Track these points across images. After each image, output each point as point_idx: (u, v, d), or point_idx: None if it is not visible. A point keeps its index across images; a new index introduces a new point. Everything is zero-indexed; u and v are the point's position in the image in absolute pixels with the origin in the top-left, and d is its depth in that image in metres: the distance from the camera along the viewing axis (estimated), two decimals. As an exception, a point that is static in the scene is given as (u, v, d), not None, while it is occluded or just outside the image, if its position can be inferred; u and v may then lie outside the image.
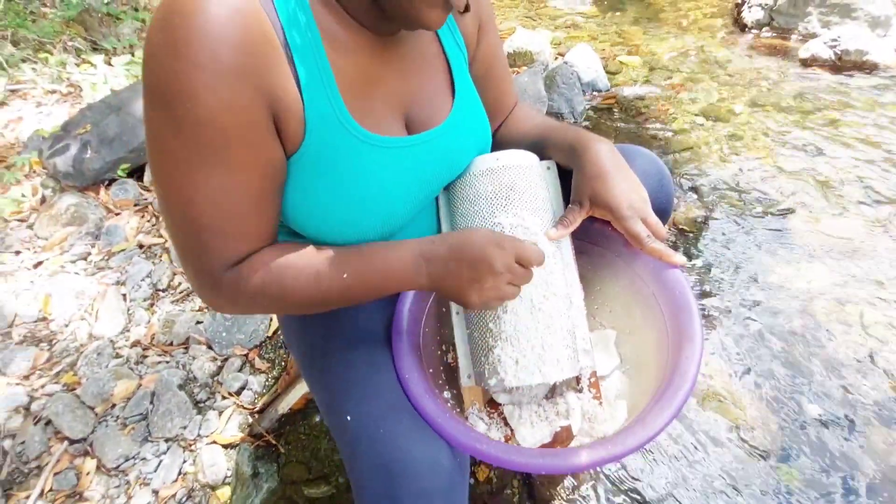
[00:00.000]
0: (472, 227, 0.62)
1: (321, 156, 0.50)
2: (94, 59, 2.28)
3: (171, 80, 0.41)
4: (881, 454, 0.92)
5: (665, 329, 0.59)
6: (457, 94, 0.62)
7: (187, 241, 0.48)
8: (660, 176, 0.70)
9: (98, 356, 1.09)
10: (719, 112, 1.83)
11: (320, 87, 0.48)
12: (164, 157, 0.45)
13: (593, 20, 2.64)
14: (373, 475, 0.49)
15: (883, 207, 1.41)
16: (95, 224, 1.43)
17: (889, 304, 1.17)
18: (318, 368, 0.63)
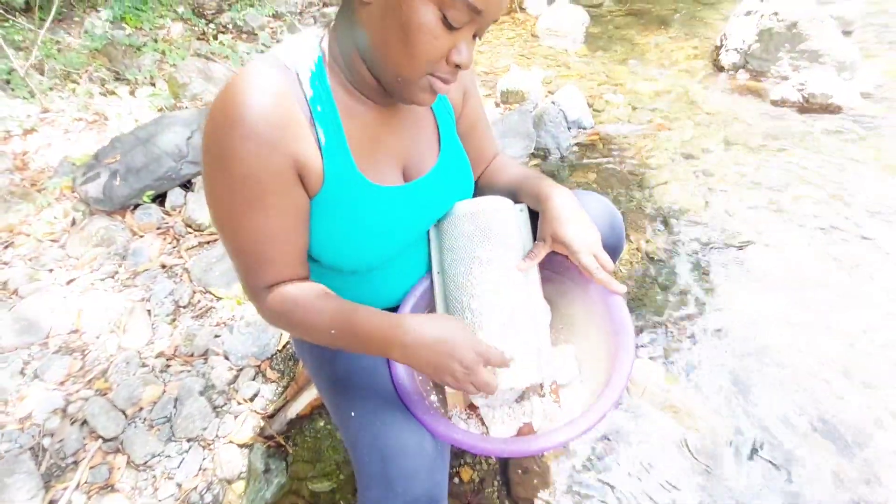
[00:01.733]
0: (457, 261, 0.77)
1: (335, 201, 0.65)
2: (118, 90, 2.47)
3: (225, 147, 0.57)
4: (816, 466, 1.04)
5: (609, 344, 0.73)
6: (442, 146, 0.77)
7: (239, 264, 0.64)
8: (611, 218, 0.84)
9: (127, 365, 1.22)
10: (694, 150, 2.00)
11: (336, 148, 0.64)
12: (219, 202, 0.61)
13: (583, 59, 2.83)
14: (371, 457, 0.62)
15: (835, 241, 1.55)
16: (122, 245, 1.58)
17: (837, 330, 1.30)
18: (326, 375, 0.77)
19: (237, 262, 0.64)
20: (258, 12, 3.50)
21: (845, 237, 1.57)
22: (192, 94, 2.42)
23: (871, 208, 1.67)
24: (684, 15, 3.30)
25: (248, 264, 0.63)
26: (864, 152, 1.94)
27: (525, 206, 0.84)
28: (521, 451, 0.64)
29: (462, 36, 0.56)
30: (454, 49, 0.56)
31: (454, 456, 1.07)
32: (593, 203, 0.85)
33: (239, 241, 0.62)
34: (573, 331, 0.84)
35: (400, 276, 0.81)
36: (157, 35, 3.17)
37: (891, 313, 1.34)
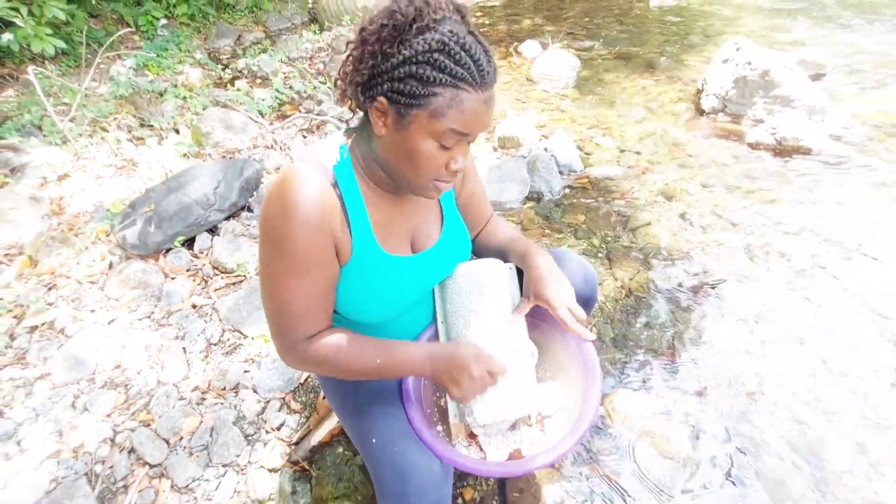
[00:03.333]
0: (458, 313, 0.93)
1: (360, 269, 0.83)
2: (146, 138, 2.68)
3: (280, 231, 0.75)
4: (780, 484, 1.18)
5: (582, 382, 0.89)
6: (444, 223, 0.95)
7: (279, 321, 0.80)
8: (584, 274, 1.01)
9: (167, 398, 1.37)
10: (675, 192, 2.18)
11: (362, 228, 0.81)
12: (270, 270, 0.78)
13: (575, 103, 3.05)
14: (389, 475, 0.78)
15: (800, 278, 1.71)
16: (157, 287, 1.75)
17: (800, 361, 1.45)
18: (350, 409, 0.93)
19: (279, 318, 0.80)
20: (271, 58, 3.75)
21: (810, 274, 1.73)
22: (213, 141, 2.63)
23: (836, 246, 1.84)
24: (669, 59, 3.54)
25: (288, 320, 0.79)
26: (831, 192, 2.12)
27: (513, 265, 1.01)
28: (511, 472, 0.80)
29: (457, 151, 0.74)
30: (451, 160, 0.74)
31: (458, 478, 1.21)
32: (570, 263, 1.02)
33: (284, 300, 0.79)
34: (556, 369, 1.00)
35: (410, 326, 0.98)
36: (177, 80, 3.41)
37: (848, 345, 1.49)
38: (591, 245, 1.93)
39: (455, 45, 0.67)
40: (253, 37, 4.23)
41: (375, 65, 0.69)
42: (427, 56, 0.67)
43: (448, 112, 0.69)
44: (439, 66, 0.67)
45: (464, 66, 0.67)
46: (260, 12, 4.49)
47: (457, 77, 0.67)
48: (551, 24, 4.38)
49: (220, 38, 4.09)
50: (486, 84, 0.70)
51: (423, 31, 0.67)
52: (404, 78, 0.68)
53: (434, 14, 0.68)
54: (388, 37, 0.68)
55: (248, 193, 2.15)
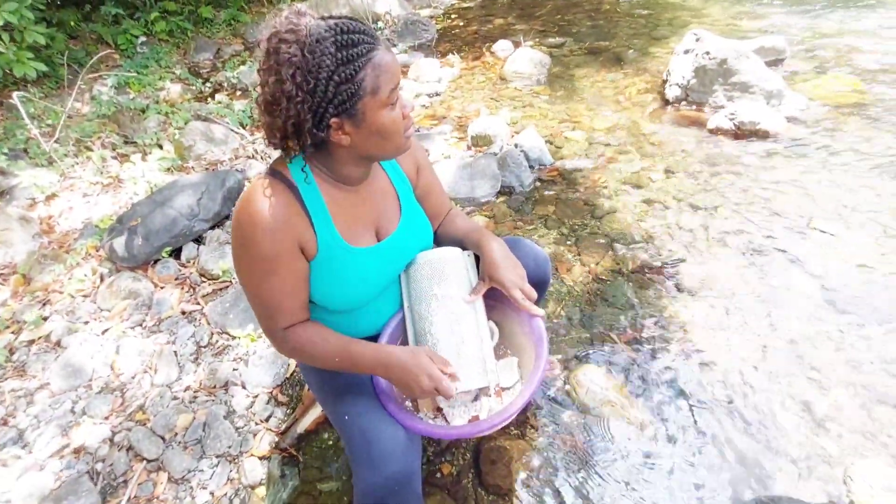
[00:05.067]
0: (421, 297, 1.03)
1: (327, 262, 0.92)
2: (130, 155, 2.75)
3: (248, 238, 0.84)
4: (729, 444, 1.28)
5: (533, 353, 0.98)
6: (402, 210, 1.04)
7: (260, 314, 0.91)
8: (536, 258, 1.11)
9: (160, 398, 1.46)
10: (640, 180, 2.29)
11: (324, 224, 0.91)
12: (246, 273, 0.88)
13: (546, 99, 3.15)
14: (359, 445, 0.87)
15: (753, 254, 1.82)
16: (147, 297, 1.83)
17: (752, 330, 1.56)
18: (328, 390, 1.02)
19: (259, 312, 0.91)
20: (251, 69, 3.83)
21: (763, 250, 1.84)
22: (196, 154, 2.71)
23: (789, 223, 1.95)
24: (637, 51, 3.65)
25: (268, 314, 0.90)
26: (786, 172, 2.23)
27: (471, 252, 1.10)
28: (464, 433, 0.90)
29: (400, 99, 0.85)
30: (403, 108, 0.85)
31: (437, 454, 1.30)
32: (523, 248, 1.12)
33: (261, 298, 0.88)
34: (514, 345, 1.10)
35: (379, 312, 1.07)
36: (158, 96, 3.48)
37: (796, 314, 1.60)
38: (560, 234, 2.03)
39: (341, 34, 0.75)
40: (232, 49, 4.30)
41: (309, 103, 0.76)
42: (334, 59, 0.74)
43: (379, 80, 0.78)
44: (348, 57, 0.75)
45: (360, 42, 0.76)
46: (238, 25, 4.56)
47: (363, 52, 0.76)
48: (523, 22, 4.48)
49: (199, 53, 4.16)
50: (378, 39, 0.79)
51: (314, 48, 0.74)
52: (337, 89, 0.76)
53: (298, 27, 0.74)
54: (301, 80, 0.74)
55: (231, 203, 2.23)
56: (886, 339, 1.49)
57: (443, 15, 4.94)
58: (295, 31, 0.75)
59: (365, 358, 0.91)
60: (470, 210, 2.22)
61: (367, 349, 0.91)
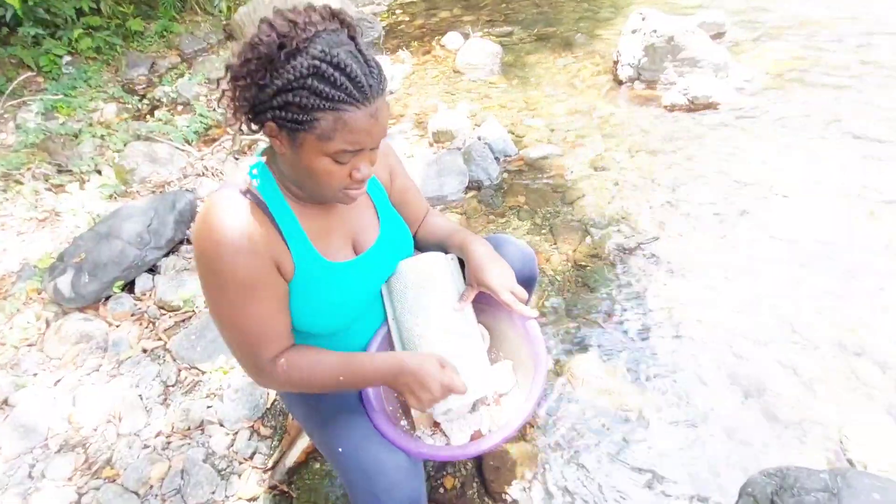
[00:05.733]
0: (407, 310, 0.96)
1: (306, 282, 0.84)
2: (66, 184, 2.53)
3: (217, 263, 0.75)
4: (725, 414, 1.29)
5: (531, 356, 0.94)
6: (381, 219, 0.97)
7: (239, 348, 0.81)
8: (522, 256, 1.06)
9: (129, 449, 1.33)
10: (605, 162, 2.29)
11: (299, 242, 0.83)
12: (217, 302, 0.78)
13: (502, 89, 3.12)
14: (359, 480, 0.80)
15: (723, 224, 1.85)
16: (101, 338, 1.67)
17: (731, 300, 1.57)
18: (315, 422, 0.94)
19: (240, 346, 0.81)
20: (190, 81, 3.61)
21: (732, 219, 1.87)
22: (140, 177, 2.52)
23: (751, 190, 1.99)
24: (585, 34, 3.67)
25: (250, 346, 0.80)
26: (741, 141, 2.29)
27: (454, 255, 1.04)
28: (470, 452, 0.84)
29: (357, 162, 0.75)
30: (354, 170, 0.75)
31: (438, 468, 1.24)
32: (508, 246, 1.07)
33: (240, 329, 0.79)
34: (508, 348, 1.05)
35: (364, 331, 1.00)
36: (91, 119, 3.24)
37: (772, 278, 1.63)
38: (534, 224, 2.00)
39: (328, 67, 0.65)
40: (168, 62, 4.05)
41: (252, 96, 0.69)
42: (301, 82, 0.65)
43: (334, 134, 0.68)
44: (315, 91, 0.65)
45: (340, 88, 0.66)
46: (171, 36, 4.30)
47: (335, 100, 0.66)
48: (469, 13, 4.43)
49: (132, 68, 3.89)
50: (368, 98, 0.68)
51: (294, 55, 0.66)
52: (284, 106, 0.67)
53: (304, 32, 0.66)
54: (256, 69, 0.67)
55: (185, 226, 2.08)
56: (860, 297, 1.54)
57: (387, 11, 4.82)
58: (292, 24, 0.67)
59: (371, 368, 0.83)
60: (441, 208, 2.16)
61: (373, 360, 0.84)
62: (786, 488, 0.94)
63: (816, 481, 0.92)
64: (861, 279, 1.58)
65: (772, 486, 0.97)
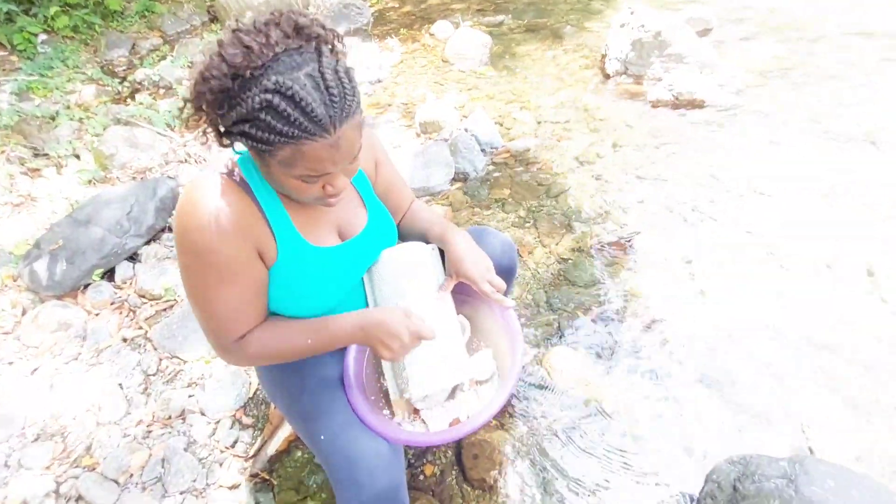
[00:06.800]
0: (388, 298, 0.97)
1: (290, 266, 0.85)
2: (42, 169, 2.47)
3: (199, 244, 0.75)
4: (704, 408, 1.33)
5: (509, 345, 0.96)
6: (368, 209, 0.98)
7: (211, 326, 0.82)
8: (502, 247, 1.08)
9: (109, 438, 1.33)
10: (589, 156, 2.31)
11: (283, 226, 0.83)
12: (196, 282, 0.79)
13: (490, 80, 3.11)
14: (340, 465, 0.82)
15: (703, 221, 1.89)
16: (80, 327, 1.65)
17: (708, 296, 1.61)
18: (296, 409, 0.95)
19: (210, 325, 0.81)
20: (173, 64, 3.53)
21: (711, 215, 1.91)
22: (120, 163, 2.47)
23: (732, 187, 2.03)
24: (574, 27, 3.67)
25: (220, 326, 0.81)
26: (724, 138, 2.32)
27: (435, 246, 1.05)
28: (449, 438, 0.87)
29: (329, 179, 0.74)
30: (326, 185, 0.75)
31: (418, 456, 1.27)
32: (488, 237, 1.08)
33: (213, 309, 0.79)
34: (487, 337, 1.07)
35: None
36: (69, 101, 3.15)
37: (746, 274, 1.67)
38: (518, 217, 2.02)
39: (281, 101, 0.62)
40: (149, 44, 3.95)
41: (214, 122, 0.69)
42: (255, 115, 0.64)
43: (295, 162, 0.68)
44: (268, 126, 0.64)
45: (294, 124, 0.63)
46: (153, 16, 4.19)
47: (289, 136, 0.64)
48: (459, 1, 4.39)
49: (112, 49, 3.79)
50: (326, 130, 0.65)
51: (248, 86, 0.64)
52: (243, 134, 0.67)
53: (260, 58, 0.63)
54: (212, 101, 0.66)
55: (166, 214, 2.05)
56: (831, 293, 1.59)
57: (376, -3, 4.76)
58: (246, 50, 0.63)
59: (339, 325, 0.85)
60: (427, 200, 2.16)
61: (340, 319, 0.86)
62: (747, 475, 0.98)
63: (776, 468, 0.96)
64: (835, 276, 1.63)
65: (735, 473, 1.01)
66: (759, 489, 0.93)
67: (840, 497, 0.87)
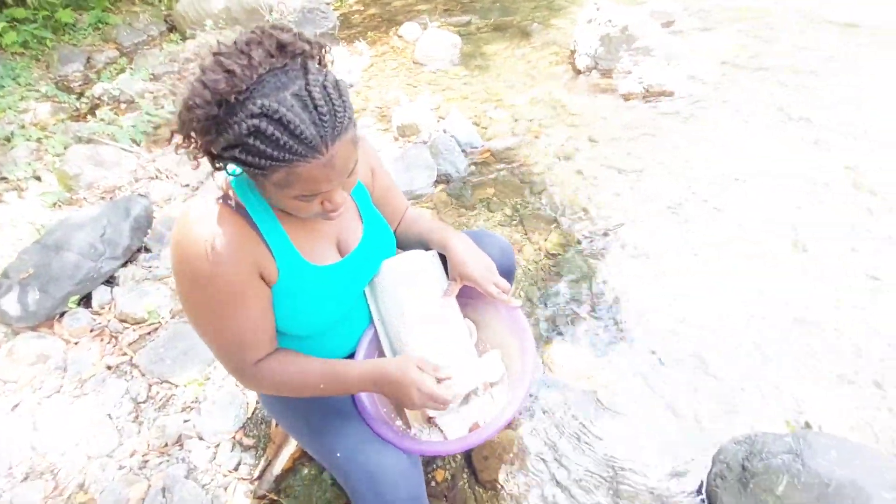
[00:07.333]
0: (392, 310, 0.96)
1: (290, 285, 0.83)
2: (2, 194, 2.34)
3: (200, 272, 0.73)
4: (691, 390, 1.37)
5: (518, 344, 0.97)
6: (364, 220, 0.97)
7: (222, 354, 0.81)
8: (501, 249, 1.09)
9: (103, 471, 1.27)
10: (568, 151, 2.34)
11: (282, 246, 0.81)
12: (202, 311, 0.78)
13: (463, 80, 3.11)
14: (361, 482, 0.81)
15: (682, 210, 1.95)
16: (60, 358, 1.58)
17: (693, 276, 1.67)
18: (307, 432, 0.93)
19: (223, 352, 0.81)
20: (133, 77, 3.40)
21: (691, 203, 1.97)
22: (86, 183, 2.37)
23: (707, 174, 2.10)
24: (541, 24, 3.71)
25: (234, 351, 0.80)
26: (698, 128, 2.40)
27: (435, 252, 1.05)
28: (469, 444, 0.87)
29: (326, 195, 0.72)
30: (325, 202, 0.73)
31: (427, 462, 1.26)
32: (487, 239, 1.09)
33: (225, 335, 0.79)
34: (495, 339, 1.08)
35: (348, 331, 1.00)
36: (23, 120, 3.00)
37: (725, 256, 1.73)
38: (504, 215, 2.03)
39: (269, 125, 0.60)
40: (105, 56, 3.80)
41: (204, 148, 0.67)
42: (243, 141, 0.62)
43: (290, 183, 0.66)
44: (258, 151, 0.62)
45: (284, 148, 0.62)
46: (108, 28, 4.02)
47: (280, 160, 0.62)
48: (425, 2, 4.38)
49: (65, 64, 3.62)
50: (318, 151, 0.63)
51: (234, 111, 0.62)
52: (235, 158, 0.65)
53: (244, 81, 0.61)
54: (199, 129, 0.64)
55: (142, 233, 1.98)
56: (812, 273, 1.66)
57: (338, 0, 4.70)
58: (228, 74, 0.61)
59: (352, 377, 0.84)
60: (411, 203, 2.15)
61: (354, 368, 0.85)
62: (755, 453, 1.02)
63: (781, 444, 1.00)
64: (812, 256, 1.71)
65: (742, 452, 1.05)
66: (767, 466, 0.97)
67: (844, 467, 0.91)
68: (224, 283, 0.74)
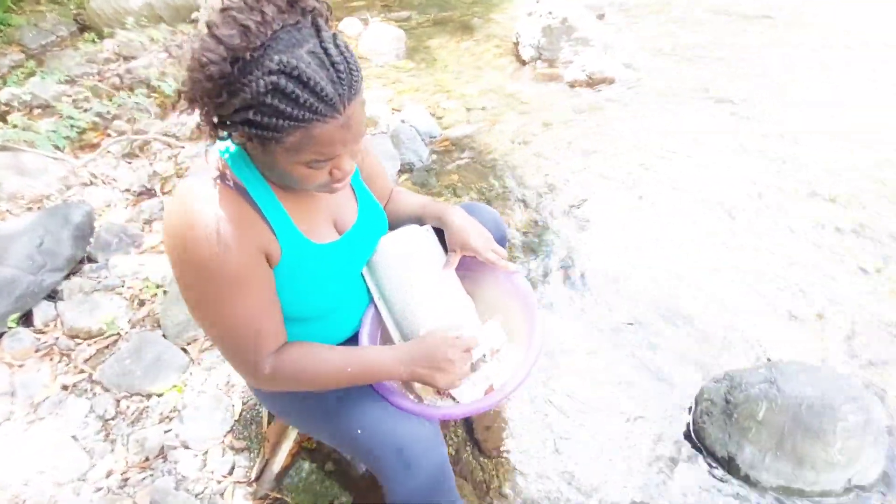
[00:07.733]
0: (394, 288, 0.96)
1: (293, 265, 0.81)
2: None
3: (204, 259, 0.69)
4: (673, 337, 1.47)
5: (522, 309, 1.00)
6: (358, 198, 0.95)
7: (233, 348, 0.76)
8: (494, 220, 1.11)
9: (77, 496, 1.15)
10: (524, 136, 2.43)
11: (284, 226, 0.79)
12: (205, 300, 0.73)
13: (411, 73, 3.13)
14: (389, 455, 0.80)
15: (637, 183, 2.08)
16: (5, 382, 1.41)
17: (655, 243, 1.79)
18: (320, 419, 0.90)
19: (237, 345, 0.76)
20: (45, 80, 3.09)
21: (640, 177, 2.11)
22: (8, 194, 2.12)
23: (650, 151, 2.26)
24: (481, 18, 3.81)
25: (249, 344, 0.75)
26: (636, 109, 2.57)
27: (430, 226, 1.06)
28: (492, 404, 0.88)
29: (337, 161, 0.70)
30: (334, 169, 0.71)
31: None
32: (481, 211, 1.11)
33: (237, 328, 0.74)
34: (494, 307, 1.10)
35: (350, 312, 0.98)
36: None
37: (680, 221, 1.88)
38: (471, 199, 2.06)
39: (288, 82, 0.58)
40: (9, 60, 3.42)
41: (212, 113, 0.63)
42: (260, 100, 0.59)
43: (304, 147, 0.64)
44: (276, 111, 0.59)
45: (304, 106, 0.59)
46: (10, 29, 3.63)
47: (300, 119, 0.60)
48: (361, -2, 4.34)
49: (-39, 69, 3.22)
50: (337, 110, 0.61)
51: (249, 69, 0.59)
52: (246, 122, 0.62)
53: (258, 37, 0.58)
54: (210, 90, 0.60)
55: (84, 242, 1.81)
56: (754, 230, 1.84)
57: (272, -2, 4.54)
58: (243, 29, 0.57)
59: (380, 361, 0.84)
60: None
61: (382, 353, 0.86)
62: (735, 386, 1.12)
63: (757, 376, 1.11)
64: (747, 216, 1.89)
65: (723, 388, 1.15)
66: (747, 396, 1.07)
67: (813, 387, 1.02)
68: (233, 269, 0.70)
